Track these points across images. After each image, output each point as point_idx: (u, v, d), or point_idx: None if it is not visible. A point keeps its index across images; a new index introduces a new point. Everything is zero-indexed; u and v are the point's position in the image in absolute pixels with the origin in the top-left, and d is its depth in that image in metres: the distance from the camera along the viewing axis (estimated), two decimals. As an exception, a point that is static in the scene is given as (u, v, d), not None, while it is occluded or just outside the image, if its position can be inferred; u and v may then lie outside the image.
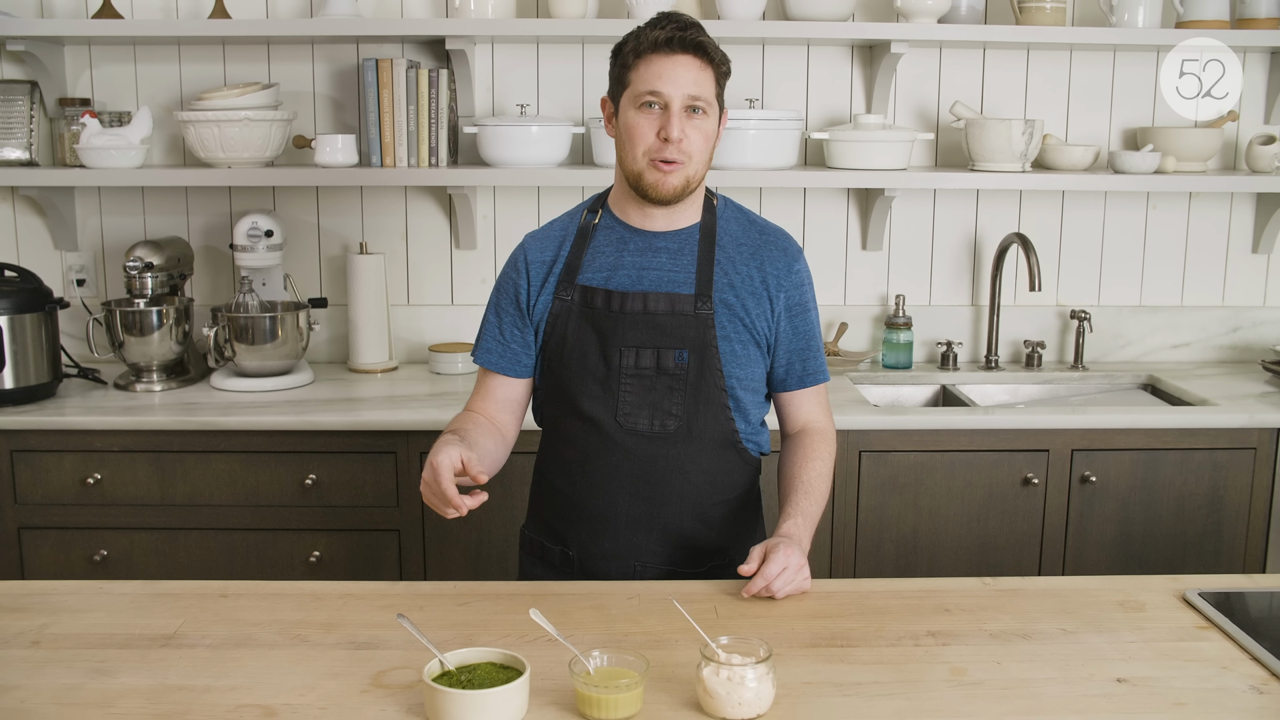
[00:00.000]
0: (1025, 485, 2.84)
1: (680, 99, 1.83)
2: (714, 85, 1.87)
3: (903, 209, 3.38)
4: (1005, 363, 3.42)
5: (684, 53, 1.83)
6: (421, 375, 3.22)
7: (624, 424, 1.92)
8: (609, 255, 1.95)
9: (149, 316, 3.00)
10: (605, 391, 1.92)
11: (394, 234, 3.36)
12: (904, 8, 3.06)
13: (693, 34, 1.84)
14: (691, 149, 1.86)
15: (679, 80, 1.83)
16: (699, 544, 1.98)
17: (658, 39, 1.83)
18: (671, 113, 1.83)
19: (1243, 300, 3.48)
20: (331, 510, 2.80)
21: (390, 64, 3.10)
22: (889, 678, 1.54)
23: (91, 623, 1.69)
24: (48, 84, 3.19)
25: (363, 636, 1.65)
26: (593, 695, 1.40)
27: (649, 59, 1.84)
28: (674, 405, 1.92)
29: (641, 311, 1.91)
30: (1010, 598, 1.80)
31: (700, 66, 1.84)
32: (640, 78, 1.85)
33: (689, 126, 1.85)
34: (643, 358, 1.91)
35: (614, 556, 1.97)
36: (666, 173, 1.86)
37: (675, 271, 1.93)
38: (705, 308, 1.91)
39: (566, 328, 1.94)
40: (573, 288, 1.94)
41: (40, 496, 2.79)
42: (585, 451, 1.95)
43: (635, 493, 1.94)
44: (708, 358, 1.91)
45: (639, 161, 1.87)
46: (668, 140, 1.83)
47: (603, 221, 1.98)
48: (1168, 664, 1.58)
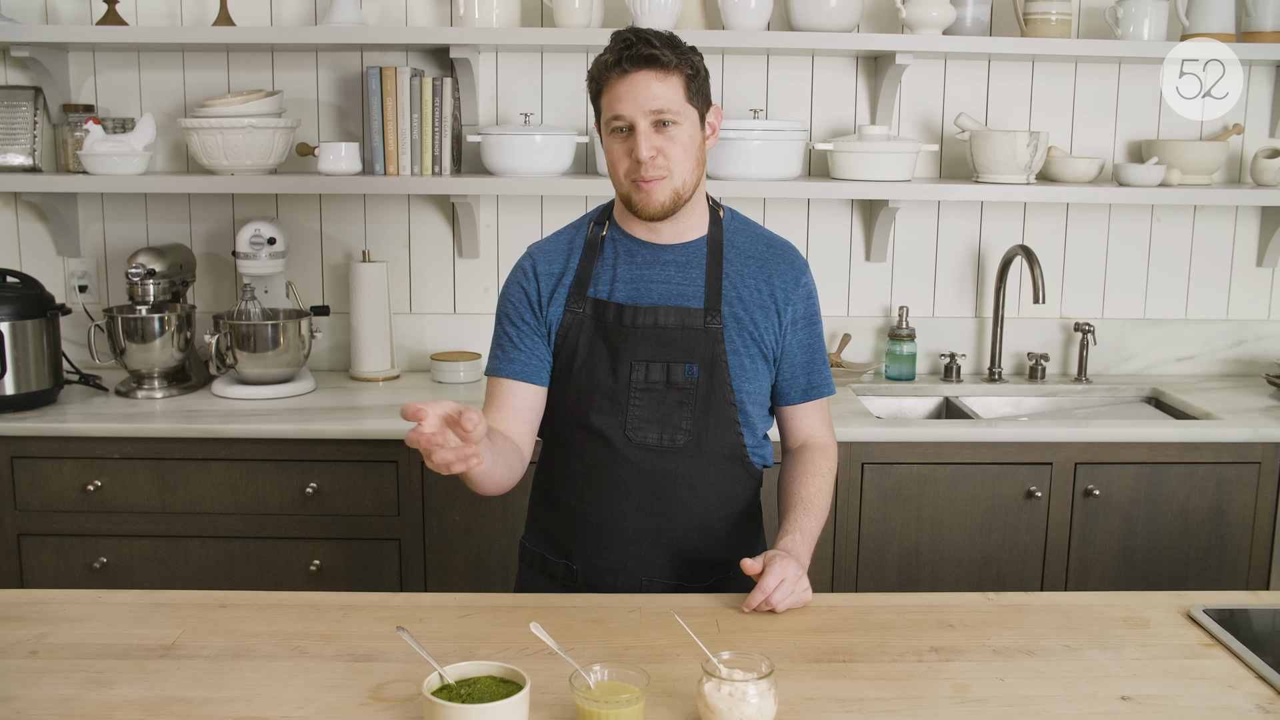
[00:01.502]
0: (1028, 498, 2.83)
1: (645, 117, 1.81)
2: (682, 90, 1.83)
3: (907, 220, 3.38)
4: (1009, 375, 3.41)
5: (636, 69, 1.80)
6: (423, 384, 3.21)
7: (633, 438, 1.91)
8: (618, 268, 1.94)
9: (151, 323, 2.99)
10: (614, 405, 1.91)
11: (397, 242, 3.35)
12: (909, 19, 3.05)
13: (640, 49, 1.79)
14: (670, 163, 1.83)
15: (637, 99, 1.80)
16: (704, 558, 1.97)
17: (608, 62, 1.82)
18: (638, 132, 1.81)
19: (1247, 314, 3.47)
20: (332, 519, 2.80)
21: (394, 72, 3.09)
22: (891, 694, 1.53)
23: (89, 632, 1.69)
24: (52, 90, 3.19)
25: (362, 648, 1.64)
26: (593, 710, 1.39)
27: (608, 84, 1.83)
28: (683, 420, 1.91)
29: (652, 325, 1.90)
30: (1014, 613, 1.79)
31: (658, 77, 1.80)
32: (606, 104, 1.85)
33: (661, 141, 1.82)
34: (653, 372, 1.90)
35: (620, 570, 1.96)
36: (650, 189, 1.84)
37: (684, 285, 1.92)
38: (715, 322, 1.90)
39: (578, 341, 1.92)
40: (584, 300, 1.93)
41: (40, 503, 2.78)
42: (593, 465, 1.94)
43: (643, 507, 1.93)
44: (717, 372, 1.90)
45: (624, 185, 1.87)
46: (639, 161, 1.82)
47: (610, 234, 1.97)
48: (1173, 682, 1.57)
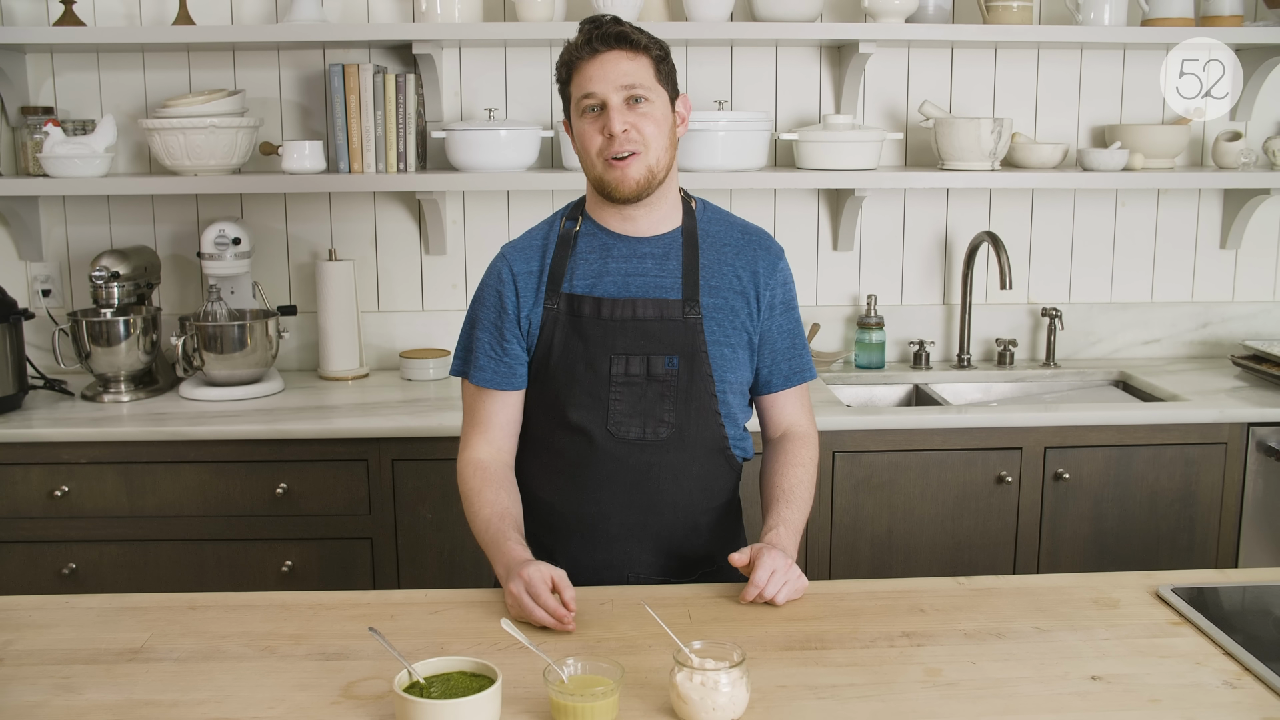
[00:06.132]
0: (999, 483, 2.85)
1: (617, 93, 1.83)
2: (651, 71, 1.86)
3: (873, 209, 3.39)
4: (977, 361, 3.43)
5: (607, 49, 1.83)
6: (393, 382, 3.19)
7: (615, 432, 1.90)
8: (593, 263, 1.93)
9: (116, 326, 2.96)
10: (595, 400, 1.90)
11: (363, 240, 3.33)
12: (871, 8, 3.06)
13: (610, 27, 1.84)
14: (644, 137, 1.84)
15: (609, 76, 1.83)
16: (689, 552, 1.97)
17: (579, 43, 1.85)
18: (611, 107, 1.83)
19: (1212, 296, 3.50)
20: (303, 519, 2.78)
21: (357, 69, 3.07)
22: (864, 680, 1.54)
23: (56, 638, 1.67)
24: (9, 92, 3.16)
25: (333, 647, 1.63)
26: (567, 704, 1.39)
27: (579, 67, 1.85)
28: (665, 412, 1.90)
29: (630, 318, 1.89)
30: (984, 597, 1.80)
31: (629, 56, 1.84)
32: (577, 86, 1.86)
33: (634, 117, 1.84)
34: (632, 365, 1.89)
35: (606, 567, 1.94)
36: (623, 168, 1.84)
37: (661, 277, 1.92)
38: (693, 312, 1.90)
39: (554, 337, 1.91)
40: (558, 296, 1.92)
41: (7, 510, 2.75)
42: (575, 462, 1.93)
43: (628, 502, 1.92)
44: (698, 363, 1.90)
45: (596, 165, 1.87)
46: (612, 136, 1.83)
47: (584, 229, 1.95)
48: (1142, 661, 1.59)
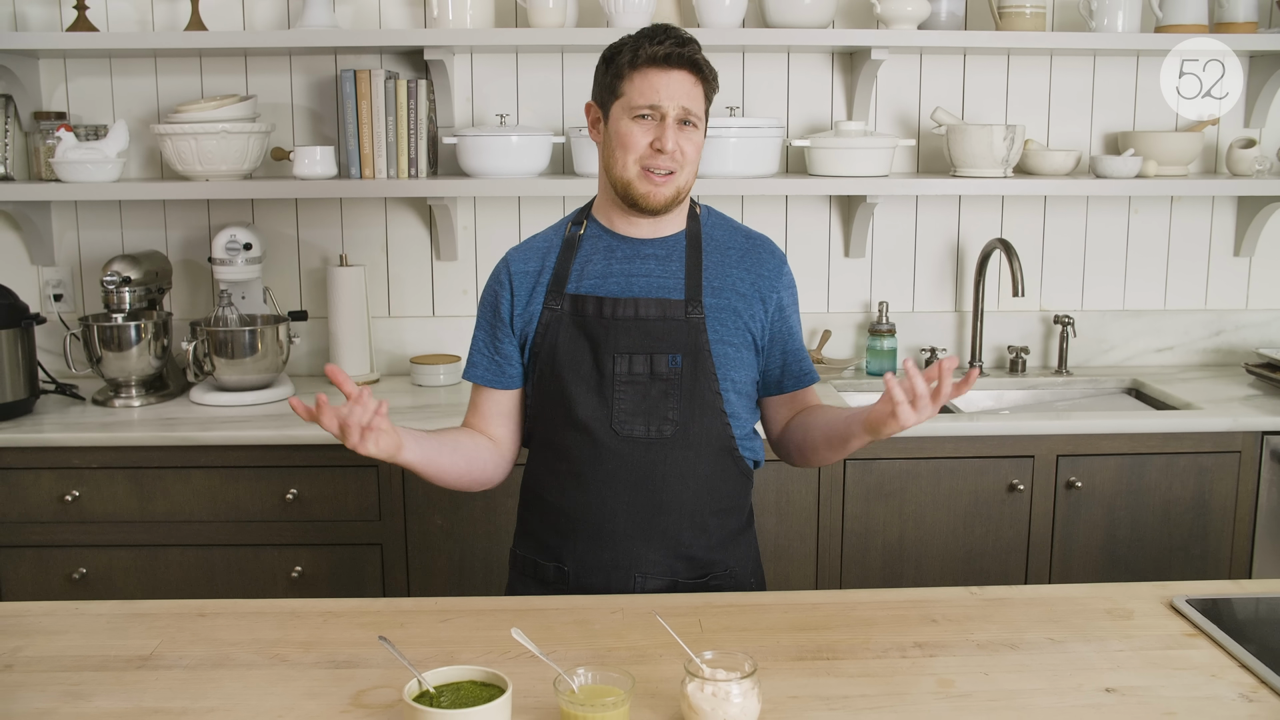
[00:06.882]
0: (1011, 492, 2.83)
1: (675, 111, 1.88)
2: (704, 101, 1.92)
3: (885, 216, 3.38)
4: (989, 368, 3.42)
5: (680, 69, 1.87)
6: (403, 387, 3.19)
7: (620, 431, 1.91)
8: (597, 264, 1.96)
9: (127, 331, 2.97)
10: (599, 399, 1.91)
11: (374, 246, 3.34)
12: (884, 14, 3.05)
13: (690, 50, 1.88)
14: (685, 158, 1.90)
15: (674, 94, 1.87)
16: (697, 554, 1.96)
17: (656, 54, 1.86)
18: (667, 124, 1.87)
19: (1225, 303, 3.48)
20: (313, 525, 2.78)
21: (369, 75, 3.08)
22: (876, 690, 1.53)
23: (66, 644, 1.67)
24: (22, 97, 3.17)
25: (343, 655, 1.63)
26: (578, 714, 1.38)
27: (645, 71, 1.87)
28: (669, 410, 1.91)
29: (633, 318, 1.91)
30: (997, 607, 1.79)
31: (694, 82, 1.89)
32: (636, 89, 1.88)
33: (681, 138, 1.89)
34: (635, 363, 1.91)
35: (613, 568, 1.94)
36: (659, 184, 1.89)
37: (665, 278, 1.94)
38: (696, 312, 1.92)
39: (558, 337, 1.94)
40: (562, 297, 1.95)
41: (17, 514, 2.76)
42: (580, 462, 1.94)
43: (634, 501, 1.92)
44: (701, 361, 1.91)
45: (629, 169, 1.89)
46: (661, 150, 1.86)
47: (588, 231, 2.00)
48: (1156, 673, 1.57)
